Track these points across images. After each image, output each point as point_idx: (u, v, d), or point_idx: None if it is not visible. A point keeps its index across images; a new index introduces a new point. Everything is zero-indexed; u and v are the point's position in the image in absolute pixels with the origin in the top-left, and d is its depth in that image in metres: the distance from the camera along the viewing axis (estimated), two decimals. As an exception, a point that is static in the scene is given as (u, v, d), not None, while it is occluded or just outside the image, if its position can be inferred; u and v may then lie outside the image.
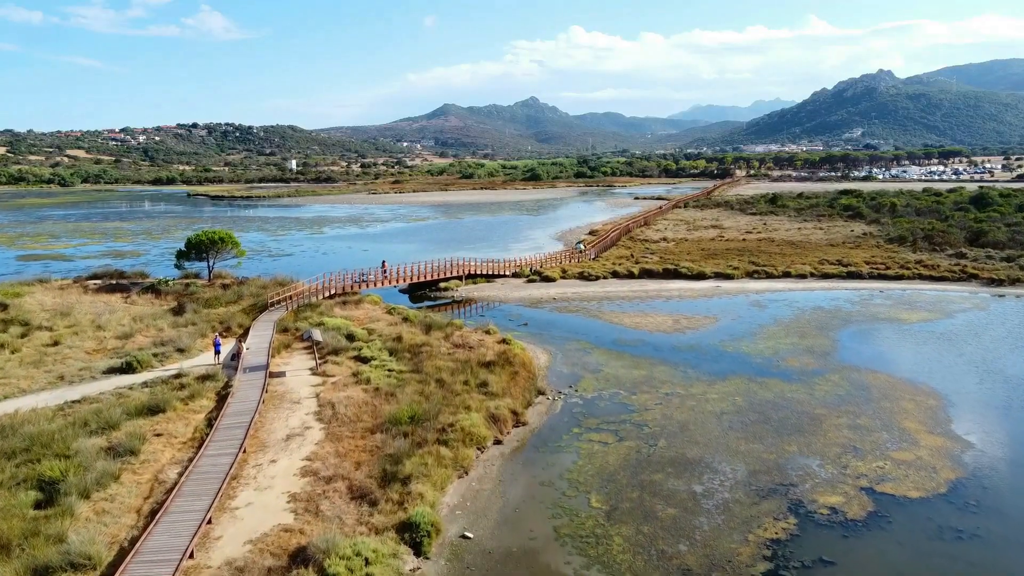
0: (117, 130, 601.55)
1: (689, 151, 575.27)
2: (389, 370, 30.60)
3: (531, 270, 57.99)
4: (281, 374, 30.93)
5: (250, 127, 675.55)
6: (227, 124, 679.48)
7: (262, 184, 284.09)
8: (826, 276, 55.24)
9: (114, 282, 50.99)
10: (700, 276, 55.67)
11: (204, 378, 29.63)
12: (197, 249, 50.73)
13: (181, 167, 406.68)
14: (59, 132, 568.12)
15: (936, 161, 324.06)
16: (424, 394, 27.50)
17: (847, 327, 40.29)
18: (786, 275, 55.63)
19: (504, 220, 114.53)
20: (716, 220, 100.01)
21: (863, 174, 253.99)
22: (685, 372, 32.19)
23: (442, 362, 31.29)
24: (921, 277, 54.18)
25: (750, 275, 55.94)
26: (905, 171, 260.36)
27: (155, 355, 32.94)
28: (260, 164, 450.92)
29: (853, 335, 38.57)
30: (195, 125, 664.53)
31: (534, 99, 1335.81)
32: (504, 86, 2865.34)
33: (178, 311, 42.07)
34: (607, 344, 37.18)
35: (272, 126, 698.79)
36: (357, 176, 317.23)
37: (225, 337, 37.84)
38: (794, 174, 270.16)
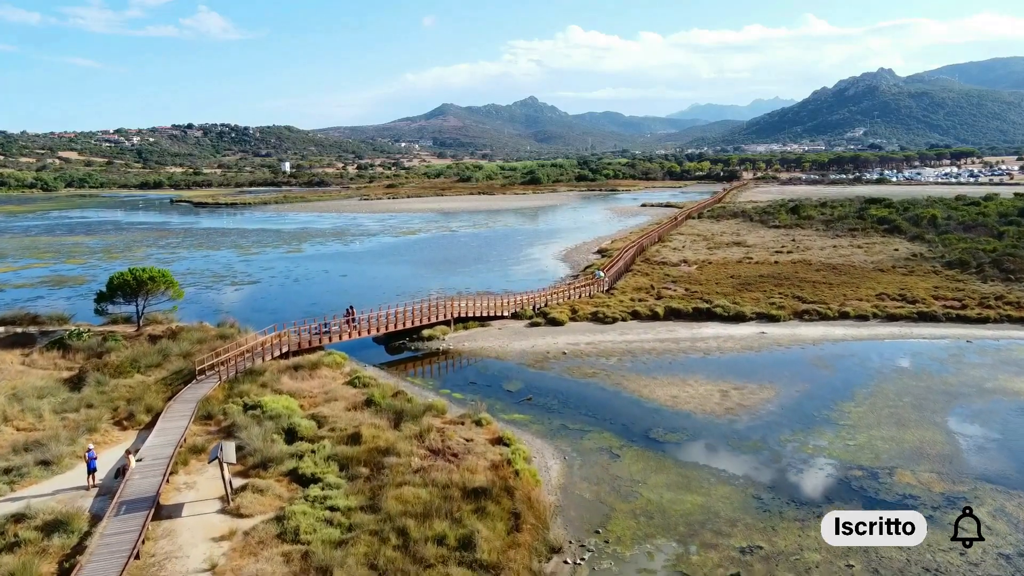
0: (111, 131, 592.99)
1: (690, 151, 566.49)
2: (332, 508, 20.85)
3: (534, 309, 48.30)
4: (175, 510, 21.29)
5: (246, 128, 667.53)
6: (223, 125, 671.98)
7: (252, 188, 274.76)
8: (892, 318, 45.50)
9: (20, 331, 41.33)
10: (739, 318, 45.95)
11: (53, 527, 19.93)
12: (123, 291, 41.02)
13: (173, 169, 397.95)
14: (52, 133, 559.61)
15: (948, 162, 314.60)
16: (378, 567, 17.84)
17: (953, 406, 30.59)
18: (843, 316, 45.92)
19: (503, 234, 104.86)
20: (737, 234, 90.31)
21: (875, 176, 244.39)
22: (759, 499, 22.49)
23: (411, 490, 21.57)
24: (1011, 320, 44.43)
25: (799, 316, 46.23)
26: (919, 173, 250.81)
27: (6, 472, 23.28)
28: (255, 166, 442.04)
29: (969, 422, 28.86)
30: (190, 126, 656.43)
31: (533, 99, 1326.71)
32: (503, 86, 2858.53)
33: (76, 383, 32.38)
34: (640, 439, 27.49)
35: (268, 127, 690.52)
36: (351, 180, 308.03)
37: (126, 428, 28.17)
38: (803, 177, 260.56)
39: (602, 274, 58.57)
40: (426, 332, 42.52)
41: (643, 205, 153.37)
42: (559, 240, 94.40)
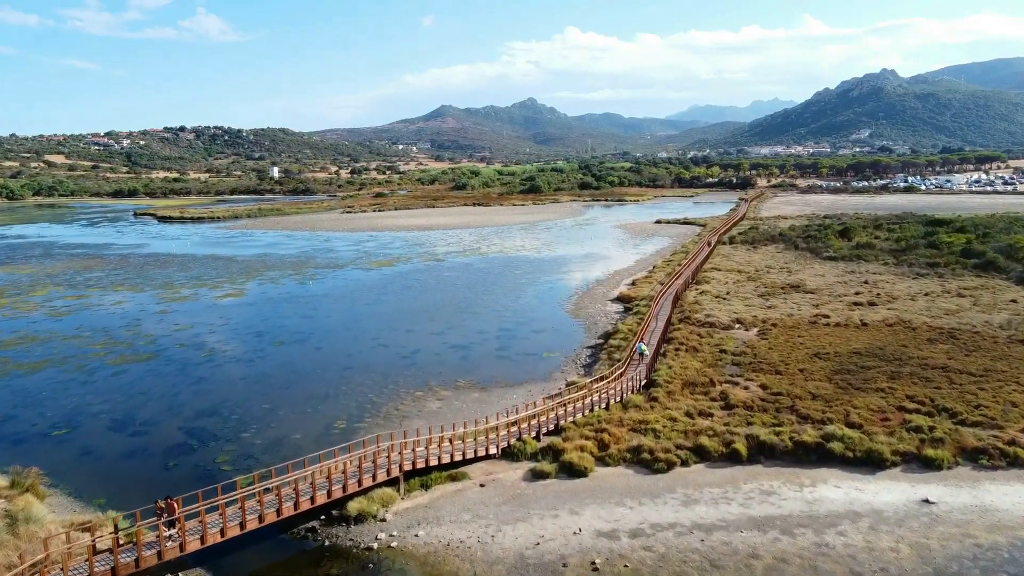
0: (101, 134, 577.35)
1: (693, 153, 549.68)
2: None
3: (538, 434, 30.64)
4: None
5: (239, 130, 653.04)
6: (215, 127, 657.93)
7: (232, 197, 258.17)
8: (1125, 464, 27.77)
9: None
10: (871, 460, 28.23)
11: None
12: None
13: (157, 174, 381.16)
14: (41, 136, 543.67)
15: (972, 167, 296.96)
16: None
17: None
18: (1042, 459, 28.15)
19: (497, 264, 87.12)
20: (787, 270, 72.68)
21: (902, 184, 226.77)
22: None
23: None
24: None
25: (971, 457, 28.41)
26: (949, 181, 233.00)
27: None
28: (246, 169, 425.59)
29: None
30: (182, 128, 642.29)
31: (532, 100, 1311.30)
32: (501, 87, 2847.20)
33: None
34: None
35: (262, 129, 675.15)
36: (340, 187, 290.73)
37: None
38: (823, 184, 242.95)
39: (644, 347, 41.57)
40: (354, 506, 24.77)
41: (658, 222, 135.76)
42: (566, 275, 76.80)
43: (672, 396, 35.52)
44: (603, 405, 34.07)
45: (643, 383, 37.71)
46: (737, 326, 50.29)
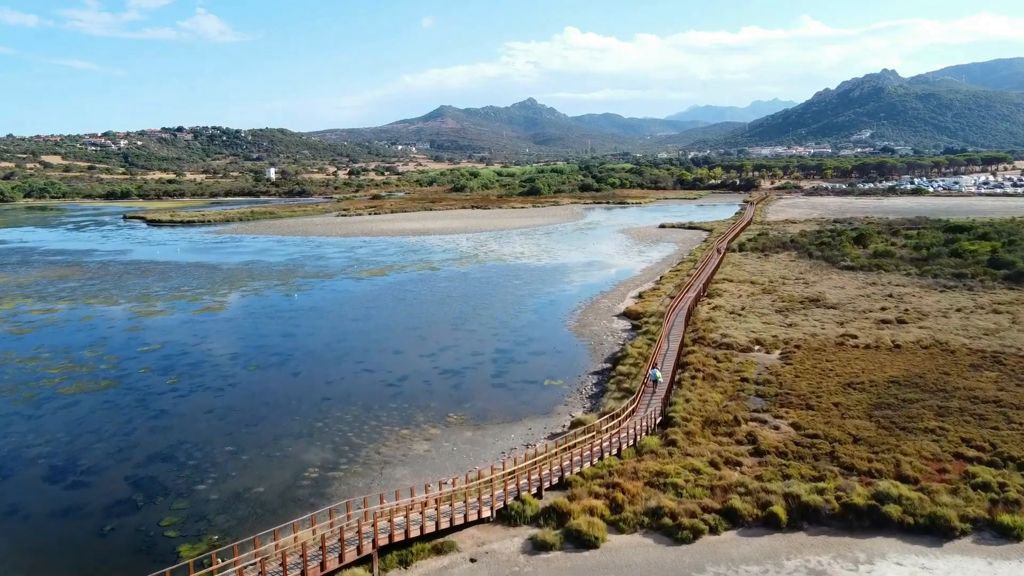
0: (99, 135, 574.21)
1: (693, 154, 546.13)
2: None
3: (542, 489, 26.20)
4: None
5: (238, 131, 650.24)
6: (213, 128, 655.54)
7: (227, 199, 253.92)
8: None
9: None
10: (936, 527, 23.74)
11: None
12: None
13: (152, 175, 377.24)
14: (38, 136, 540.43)
15: (979, 168, 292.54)
16: None
17: None
18: None
19: (496, 273, 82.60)
20: (804, 282, 68.23)
21: (909, 187, 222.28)
22: None
23: None
24: None
25: (1051, 523, 24.04)
26: (956, 183, 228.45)
27: None
28: (244, 170, 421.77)
29: None
30: (180, 129, 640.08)
31: (532, 100, 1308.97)
32: (501, 87, 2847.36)
33: None
34: None
35: (261, 129, 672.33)
36: (336, 188, 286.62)
37: None
38: (828, 186, 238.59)
39: (659, 374, 37.29)
40: (316, 594, 20.30)
41: (662, 226, 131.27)
42: (568, 286, 72.38)
43: (692, 438, 31.05)
44: (614, 451, 29.61)
45: (658, 420, 33.29)
46: (757, 348, 45.85)
